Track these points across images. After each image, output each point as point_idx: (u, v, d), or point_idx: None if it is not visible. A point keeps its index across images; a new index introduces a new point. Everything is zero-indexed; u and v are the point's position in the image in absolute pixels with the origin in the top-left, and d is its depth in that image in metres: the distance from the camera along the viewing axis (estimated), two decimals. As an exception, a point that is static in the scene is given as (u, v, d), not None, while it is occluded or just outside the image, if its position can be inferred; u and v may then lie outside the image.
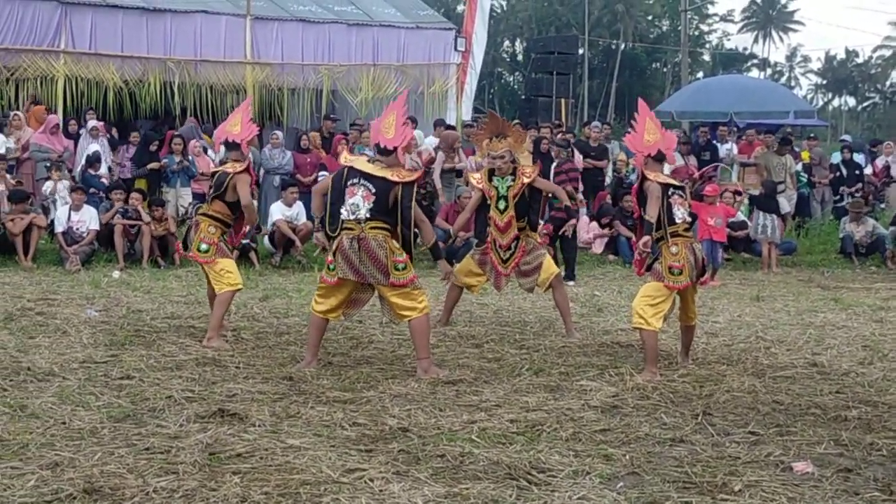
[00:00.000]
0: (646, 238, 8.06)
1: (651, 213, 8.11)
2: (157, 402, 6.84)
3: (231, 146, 9.26)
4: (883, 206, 20.33)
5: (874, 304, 12.56)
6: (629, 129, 8.69)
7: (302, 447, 5.86)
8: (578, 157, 18.44)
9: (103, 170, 16.79)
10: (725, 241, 15.74)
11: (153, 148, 17.20)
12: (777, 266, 16.64)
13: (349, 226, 7.84)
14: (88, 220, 14.84)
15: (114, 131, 18.73)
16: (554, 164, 16.01)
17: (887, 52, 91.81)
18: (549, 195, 10.62)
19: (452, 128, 19.60)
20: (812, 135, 24.40)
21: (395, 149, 7.98)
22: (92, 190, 15.92)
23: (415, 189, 7.91)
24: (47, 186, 15.98)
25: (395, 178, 7.86)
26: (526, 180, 9.68)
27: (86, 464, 5.45)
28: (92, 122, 17.55)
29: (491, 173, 9.81)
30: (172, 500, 4.98)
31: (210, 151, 17.59)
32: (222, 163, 9.31)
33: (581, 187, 17.37)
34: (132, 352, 8.52)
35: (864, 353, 9.36)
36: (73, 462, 5.49)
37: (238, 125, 9.28)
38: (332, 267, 7.93)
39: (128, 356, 8.31)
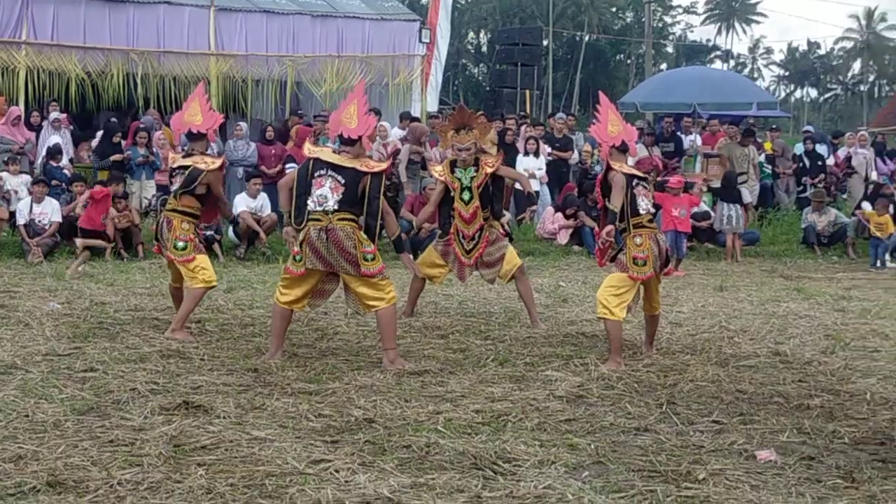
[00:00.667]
0: (609, 227, 8.10)
1: (615, 204, 8.13)
2: (121, 395, 6.81)
3: (195, 137, 9.15)
4: (845, 196, 20.49)
5: (836, 294, 12.67)
6: (594, 120, 8.72)
7: (267, 439, 5.85)
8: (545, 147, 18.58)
9: (64, 161, 16.63)
10: (690, 232, 15.83)
11: (116, 139, 17.08)
12: (740, 256, 16.76)
13: (316, 216, 7.81)
14: (51, 212, 14.73)
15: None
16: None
17: (848, 44, 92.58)
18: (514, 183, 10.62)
19: (418, 120, 19.61)
20: (774, 126, 24.54)
21: (360, 138, 7.96)
22: (54, 182, 15.78)
23: (383, 180, 7.90)
24: (3, 179, 15.83)
25: (364, 169, 7.85)
26: (489, 170, 9.68)
27: (49, 457, 5.41)
28: (54, 114, 17.40)
29: (453, 165, 9.81)
30: (137, 492, 4.95)
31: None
32: (188, 155, 9.13)
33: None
34: (95, 344, 8.47)
35: (826, 342, 9.44)
36: (37, 455, 5.45)
37: (198, 114, 9.16)
38: (298, 258, 7.90)
39: (91, 348, 8.26)
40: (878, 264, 16.39)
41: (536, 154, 18.40)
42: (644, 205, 8.28)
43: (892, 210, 17.17)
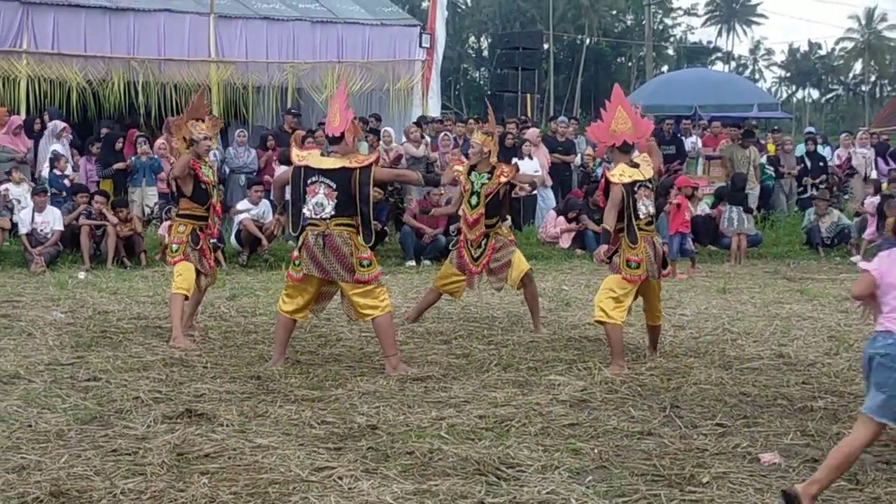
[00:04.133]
0: (603, 247, 8.07)
1: (608, 222, 8.09)
2: (124, 404, 6.81)
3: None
4: (846, 197, 20.45)
5: (839, 295, 12.63)
6: (599, 120, 8.58)
7: (270, 446, 5.85)
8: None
9: (68, 170, 16.62)
10: (689, 231, 15.73)
11: (118, 146, 17.08)
12: (744, 258, 16.75)
13: (314, 223, 7.83)
14: (53, 220, 14.74)
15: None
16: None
17: (849, 45, 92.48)
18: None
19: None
20: (776, 127, 24.52)
21: (343, 134, 7.94)
22: (54, 191, 15.79)
23: (373, 170, 7.87)
24: (5, 189, 15.83)
25: (354, 164, 7.85)
26: (503, 179, 9.66)
27: (52, 467, 5.42)
28: (54, 122, 17.40)
29: (472, 167, 9.82)
30: (140, 501, 4.96)
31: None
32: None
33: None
34: (98, 353, 8.47)
35: (829, 343, 9.41)
36: (40, 465, 5.45)
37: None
38: (297, 262, 7.94)
39: (94, 357, 8.27)
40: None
41: (530, 156, 18.36)
42: (644, 209, 8.23)
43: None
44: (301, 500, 4.99)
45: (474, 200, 9.72)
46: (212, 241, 9.75)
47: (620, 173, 8.18)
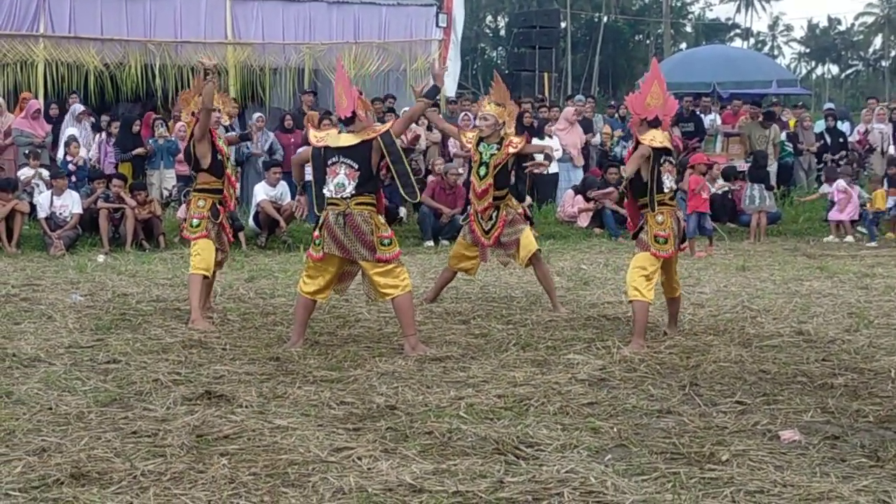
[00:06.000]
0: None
1: (629, 169, 8.13)
2: (143, 386, 6.83)
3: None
4: (866, 173, 20.33)
5: (859, 272, 12.59)
6: (635, 89, 8.54)
7: (289, 427, 5.86)
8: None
9: (83, 153, 16.65)
10: (709, 210, 15.68)
11: (136, 129, 17.10)
12: (763, 235, 16.70)
13: (334, 202, 7.83)
14: (71, 204, 14.79)
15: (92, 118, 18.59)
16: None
17: (869, 19, 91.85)
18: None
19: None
20: (800, 103, 24.29)
21: (354, 113, 7.92)
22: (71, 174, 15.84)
23: (391, 134, 7.88)
24: (23, 173, 15.89)
25: (371, 135, 7.84)
26: (512, 150, 9.61)
27: (73, 449, 5.44)
28: (77, 107, 17.45)
29: (481, 138, 9.77)
30: (160, 482, 4.97)
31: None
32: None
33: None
34: (118, 336, 8.50)
35: (849, 320, 9.38)
36: (60, 447, 5.47)
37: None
38: (318, 242, 7.94)
39: (114, 340, 8.30)
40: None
41: (550, 135, 18.35)
42: (668, 182, 8.24)
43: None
44: (320, 481, 4.99)
45: (483, 171, 9.67)
46: (233, 209, 9.74)
47: (651, 138, 8.19)
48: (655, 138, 8.21)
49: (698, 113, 20.72)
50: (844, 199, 16.88)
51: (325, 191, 7.88)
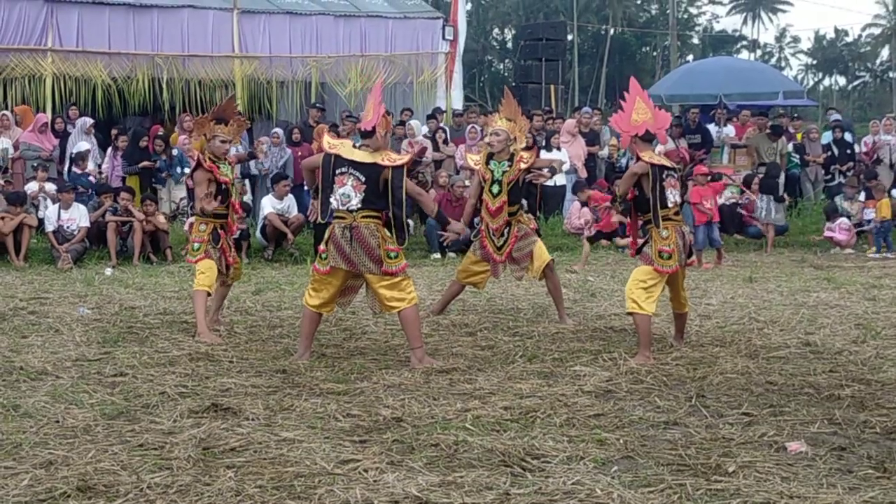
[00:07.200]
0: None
1: (621, 188, 8.20)
2: (150, 399, 6.83)
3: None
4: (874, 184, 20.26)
5: (867, 283, 12.58)
6: (618, 109, 8.65)
7: (296, 440, 5.86)
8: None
9: (91, 167, 16.70)
10: (719, 220, 15.69)
11: (143, 144, 17.15)
12: (771, 247, 16.69)
13: (340, 215, 7.83)
14: (79, 217, 14.83)
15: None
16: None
17: (876, 31, 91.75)
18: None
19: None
20: (796, 115, 24.18)
21: (374, 129, 7.92)
22: (80, 189, 15.87)
23: (405, 171, 7.86)
24: (30, 187, 15.94)
25: (386, 163, 7.81)
26: (523, 166, 9.62)
27: (79, 462, 5.44)
28: (86, 120, 17.49)
29: (490, 156, 9.77)
30: (167, 495, 4.97)
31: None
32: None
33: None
34: (125, 349, 8.51)
35: (856, 331, 9.37)
36: (67, 460, 5.48)
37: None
38: (324, 256, 7.93)
39: (121, 353, 8.30)
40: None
41: (558, 147, 18.39)
42: (672, 197, 8.24)
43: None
44: (326, 493, 4.99)
45: (496, 189, 9.67)
46: (235, 234, 9.80)
47: (649, 156, 8.23)
48: (653, 157, 8.26)
49: (705, 125, 20.70)
50: (847, 236, 16.90)
51: (331, 199, 7.87)
